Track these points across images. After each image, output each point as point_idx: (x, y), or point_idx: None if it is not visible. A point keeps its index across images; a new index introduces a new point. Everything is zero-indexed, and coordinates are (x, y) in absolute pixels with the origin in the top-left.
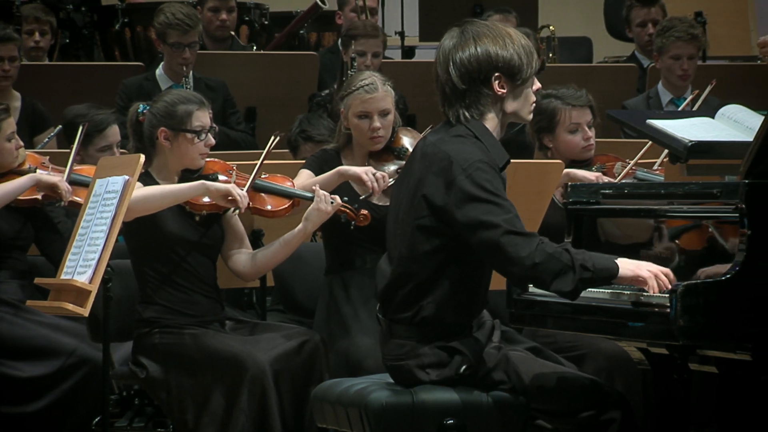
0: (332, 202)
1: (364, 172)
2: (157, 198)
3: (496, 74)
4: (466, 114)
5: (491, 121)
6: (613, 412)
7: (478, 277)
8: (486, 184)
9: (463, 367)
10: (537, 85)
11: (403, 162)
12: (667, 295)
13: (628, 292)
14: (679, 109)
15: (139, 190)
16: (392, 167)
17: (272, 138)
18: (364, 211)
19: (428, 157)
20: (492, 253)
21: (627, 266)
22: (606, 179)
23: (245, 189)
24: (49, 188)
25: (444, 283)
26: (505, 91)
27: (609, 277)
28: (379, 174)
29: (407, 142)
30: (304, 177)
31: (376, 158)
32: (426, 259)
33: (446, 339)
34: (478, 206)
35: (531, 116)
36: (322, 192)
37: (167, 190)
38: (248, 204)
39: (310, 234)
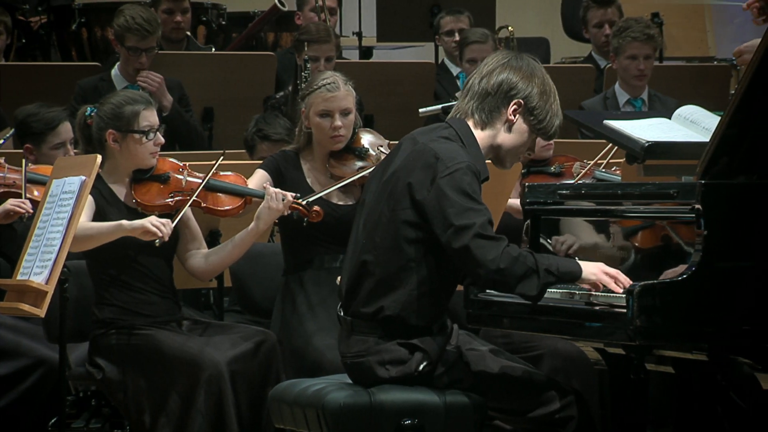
0: (284, 200)
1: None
2: (79, 239)
3: (520, 101)
4: (476, 115)
5: (486, 139)
6: (569, 411)
7: (444, 283)
8: (466, 188)
9: (423, 364)
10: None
11: (364, 162)
12: (618, 295)
13: (579, 292)
14: None
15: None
16: (354, 167)
17: (219, 157)
18: (317, 208)
19: (415, 153)
20: (460, 255)
21: (589, 269)
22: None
23: (198, 190)
24: (4, 216)
25: (410, 282)
26: (514, 120)
27: (572, 279)
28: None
29: (367, 142)
30: (258, 177)
31: (337, 158)
32: (398, 249)
33: (407, 337)
34: (453, 208)
35: (509, 167)
36: (272, 189)
37: (88, 230)
38: (170, 232)
39: (261, 232)
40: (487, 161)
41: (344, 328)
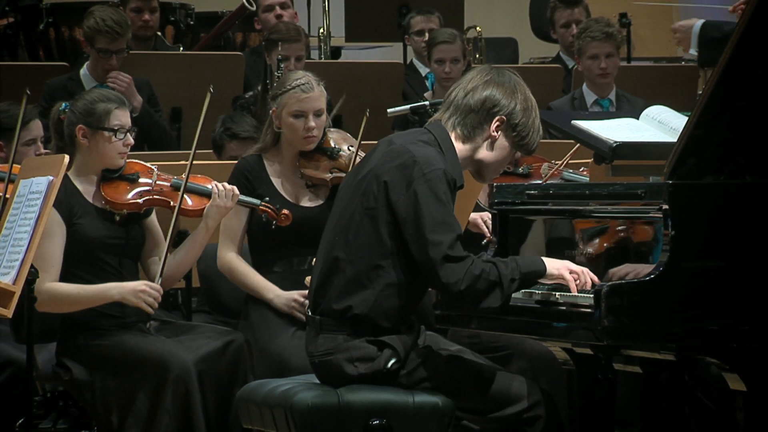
0: (232, 196)
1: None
2: (62, 304)
3: (503, 118)
4: (458, 129)
5: (466, 152)
6: (537, 410)
7: (414, 284)
8: (441, 196)
9: (392, 361)
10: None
11: (335, 162)
12: (579, 294)
13: (539, 292)
14: None
15: (56, 291)
16: (325, 167)
17: (207, 95)
18: (286, 211)
19: (391, 152)
20: (425, 268)
21: (553, 265)
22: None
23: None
24: None
25: (380, 282)
26: (497, 136)
27: (536, 278)
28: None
29: (339, 143)
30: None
31: (308, 158)
32: (370, 248)
33: (376, 335)
34: (426, 219)
35: (489, 180)
36: (220, 186)
37: (75, 299)
38: (159, 299)
39: (212, 230)
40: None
41: (312, 328)
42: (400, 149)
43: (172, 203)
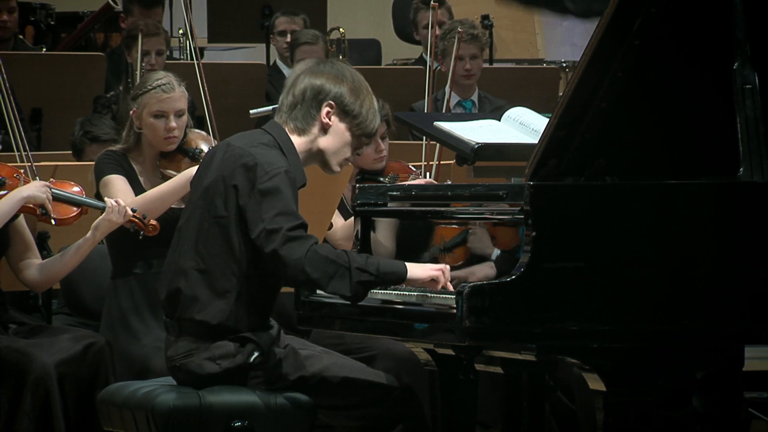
0: (125, 213)
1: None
2: None
3: (332, 103)
4: (291, 124)
5: (304, 144)
6: (399, 406)
7: (268, 288)
8: (282, 193)
9: (255, 354)
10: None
11: (196, 162)
12: (451, 295)
13: (416, 293)
14: None
15: None
16: (185, 167)
17: None
18: (153, 222)
19: (233, 157)
20: (271, 259)
21: (416, 269)
22: None
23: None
24: None
25: (234, 291)
26: (330, 123)
27: (397, 280)
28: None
29: (200, 143)
30: (124, 186)
31: (168, 158)
32: (221, 256)
33: (237, 333)
34: (267, 213)
35: (338, 170)
36: (116, 203)
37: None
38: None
39: (98, 241)
40: (313, 166)
41: (172, 333)
42: (241, 152)
43: (38, 211)
